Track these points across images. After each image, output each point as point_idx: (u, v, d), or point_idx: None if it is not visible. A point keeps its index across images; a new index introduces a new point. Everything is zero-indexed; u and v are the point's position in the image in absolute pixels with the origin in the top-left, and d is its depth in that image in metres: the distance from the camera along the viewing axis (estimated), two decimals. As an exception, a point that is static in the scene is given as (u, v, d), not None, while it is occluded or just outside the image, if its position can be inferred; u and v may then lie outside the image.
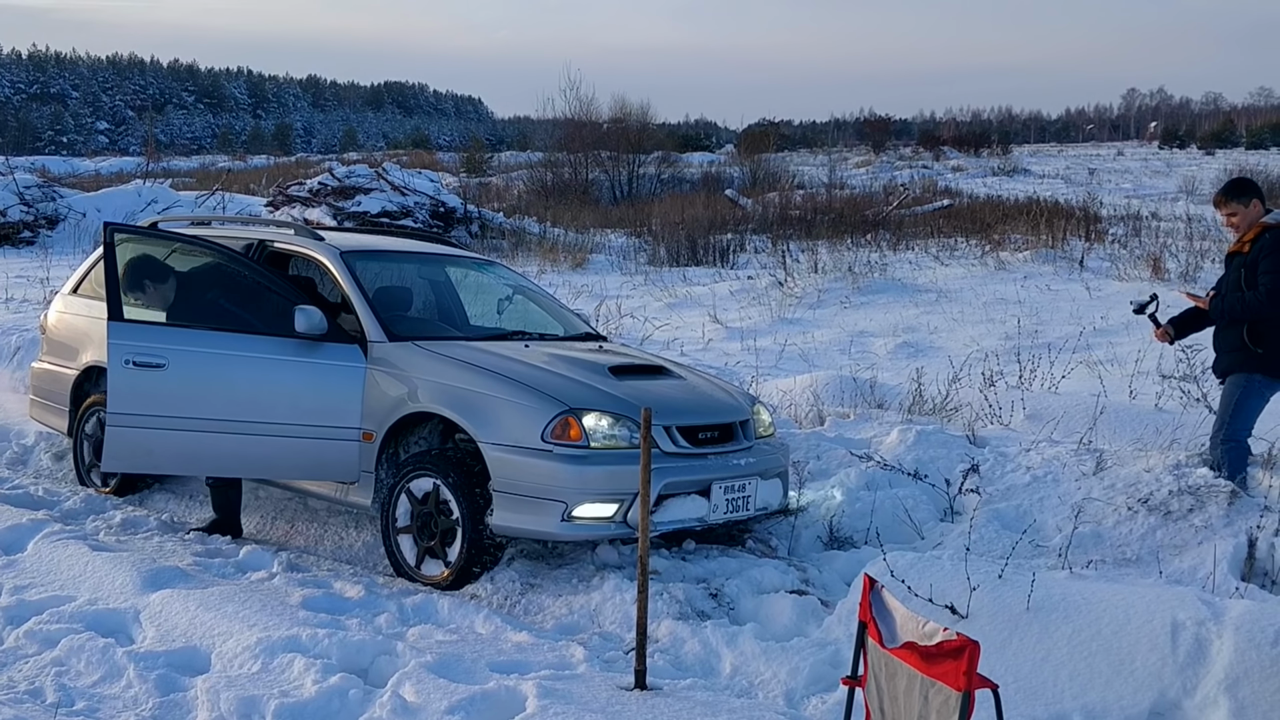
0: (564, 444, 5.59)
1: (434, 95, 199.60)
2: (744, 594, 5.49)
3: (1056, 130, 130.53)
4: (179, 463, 6.32)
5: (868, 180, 37.34)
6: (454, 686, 4.32)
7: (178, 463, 6.32)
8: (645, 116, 41.25)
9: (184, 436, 6.13)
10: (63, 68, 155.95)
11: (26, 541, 6.06)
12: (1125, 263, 16.46)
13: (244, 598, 5.24)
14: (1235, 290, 6.06)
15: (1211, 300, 6.19)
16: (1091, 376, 9.22)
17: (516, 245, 20.73)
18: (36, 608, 5.23)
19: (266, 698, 4.28)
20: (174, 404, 6.11)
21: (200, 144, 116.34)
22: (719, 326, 13.23)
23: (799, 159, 52.03)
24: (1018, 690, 4.30)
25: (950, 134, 69.35)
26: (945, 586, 4.82)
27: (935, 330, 12.74)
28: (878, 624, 3.28)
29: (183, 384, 6.14)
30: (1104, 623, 4.50)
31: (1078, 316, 12.75)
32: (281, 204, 21.89)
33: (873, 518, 6.32)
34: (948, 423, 7.83)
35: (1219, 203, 6.25)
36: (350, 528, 6.71)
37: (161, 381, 6.11)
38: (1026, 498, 6.40)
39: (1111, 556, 5.82)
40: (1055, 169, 45.10)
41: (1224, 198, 6.22)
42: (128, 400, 6.08)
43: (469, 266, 7.84)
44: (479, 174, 41.55)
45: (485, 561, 5.79)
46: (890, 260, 17.91)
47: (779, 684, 4.61)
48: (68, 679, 4.62)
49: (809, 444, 7.26)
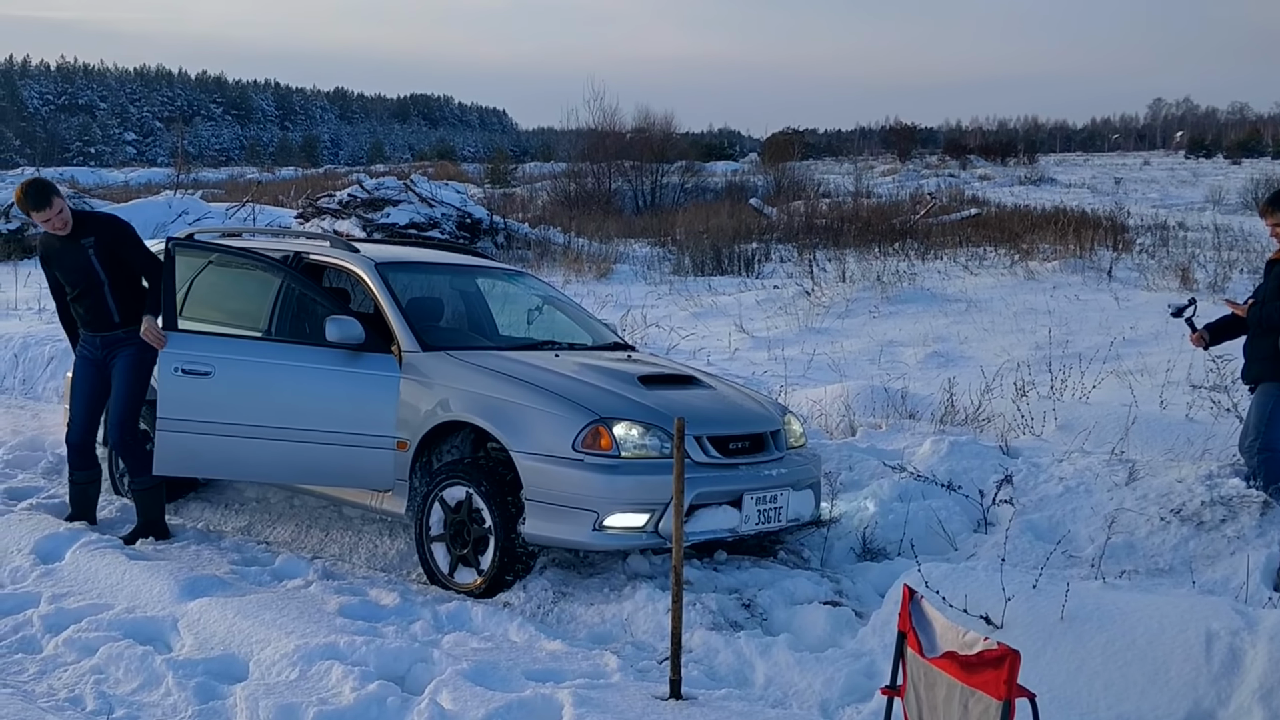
0: (595, 453, 5.62)
1: (459, 107, 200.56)
2: (777, 605, 5.49)
3: (1082, 139, 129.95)
4: (223, 467, 6.52)
5: (894, 189, 37.27)
6: (490, 694, 4.35)
7: (222, 467, 6.52)
8: (669, 126, 41.37)
9: (228, 442, 6.32)
10: (91, 79, 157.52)
11: (64, 550, 6.13)
12: (1153, 273, 16.38)
13: (281, 605, 5.29)
14: (1276, 299, 6.08)
15: (1250, 308, 6.20)
16: (1122, 386, 9.18)
17: (541, 255, 20.78)
18: (75, 616, 5.29)
19: (305, 705, 4.32)
20: (219, 410, 6.30)
21: (228, 155, 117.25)
22: (745, 336, 13.23)
23: (824, 167, 51.98)
24: (1052, 700, 4.29)
25: (976, 142, 69.24)
26: (980, 597, 4.82)
27: (965, 340, 12.71)
28: (917, 634, 3.29)
29: (228, 391, 6.32)
30: (1138, 633, 4.50)
31: (1107, 326, 12.69)
32: (312, 216, 22.03)
33: (906, 529, 6.32)
34: (980, 433, 7.82)
35: (1265, 212, 6.37)
36: (384, 536, 6.75)
37: (208, 388, 6.28)
38: (1059, 508, 6.38)
39: (1145, 567, 5.80)
40: (1082, 178, 44.90)
41: (1270, 208, 6.32)
42: (176, 406, 6.29)
43: (498, 277, 7.89)
44: (504, 185, 41.69)
45: (518, 570, 5.82)
46: (919, 269, 17.86)
47: (814, 694, 4.62)
48: (107, 686, 4.67)
49: (841, 455, 7.27)
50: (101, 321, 6.62)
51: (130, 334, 6.58)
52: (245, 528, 7.08)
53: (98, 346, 6.68)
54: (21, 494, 7.36)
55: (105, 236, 6.63)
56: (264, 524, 7.11)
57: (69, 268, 6.62)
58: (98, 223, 6.70)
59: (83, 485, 6.83)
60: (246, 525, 7.12)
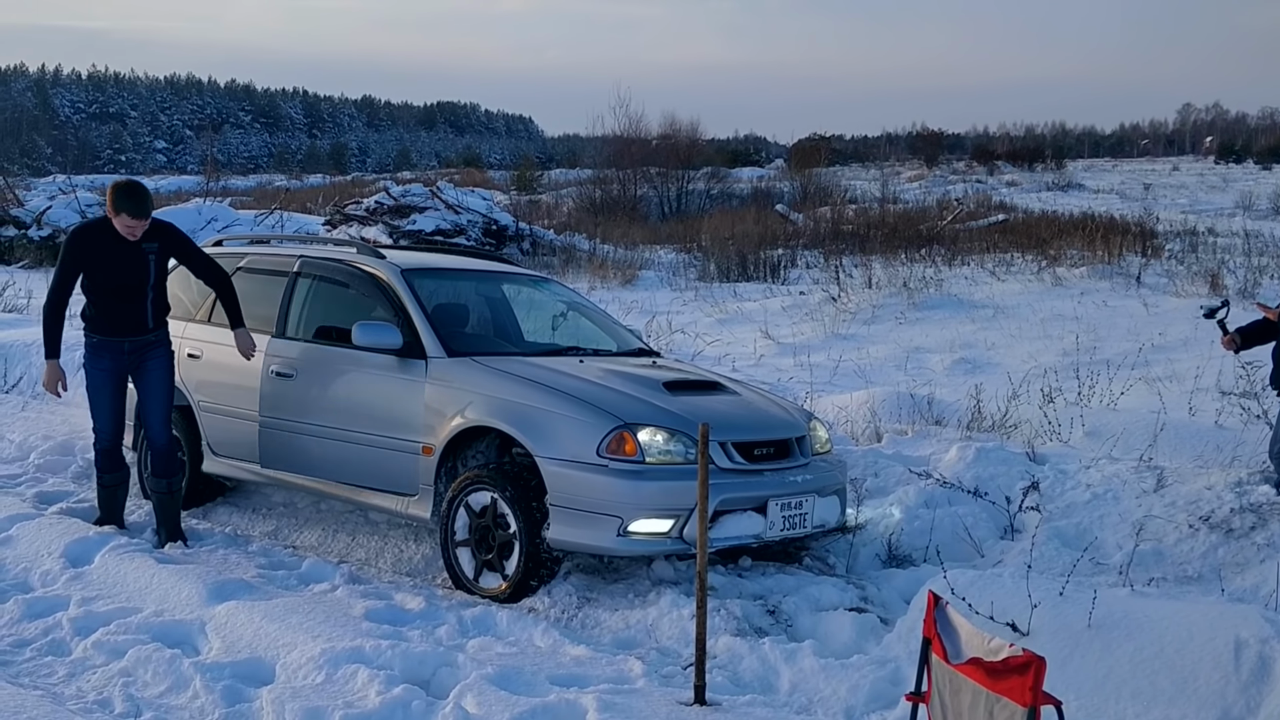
0: (619, 459, 5.62)
1: (485, 114, 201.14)
2: (802, 611, 5.48)
3: (1111, 145, 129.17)
4: (288, 463, 6.86)
5: (921, 195, 37.20)
6: (515, 699, 4.36)
7: (287, 463, 6.86)
8: (694, 132, 41.52)
9: (297, 439, 6.76)
10: (122, 88, 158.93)
11: (94, 554, 6.17)
12: (1182, 279, 16.28)
13: (307, 609, 5.31)
14: None
15: None
16: (1150, 393, 9.13)
17: (567, 262, 20.84)
18: (104, 619, 5.33)
19: (331, 708, 4.34)
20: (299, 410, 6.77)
21: (257, 163, 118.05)
22: (771, 342, 13.22)
23: (851, 173, 51.90)
24: (1080, 708, 4.27)
25: (1004, 148, 68.99)
26: (1006, 604, 4.80)
27: (993, 346, 12.66)
28: (942, 640, 3.27)
29: (306, 392, 6.74)
30: (1166, 641, 4.47)
31: (1135, 333, 12.62)
32: (339, 222, 22.18)
33: (932, 535, 6.29)
34: (1007, 439, 7.78)
35: None
36: (409, 540, 6.78)
37: (291, 389, 6.77)
38: (1087, 515, 6.34)
39: (1173, 574, 5.76)
40: (1110, 184, 44.68)
41: None
42: (272, 405, 6.82)
43: (523, 283, 7.92)
44: (529, 192, 41.83)
45: (542, 575, 5.83)
46: (946, 275, 17.81)
47: (839, 701, 4.60)
48: (135, 689, 4.70)
49: (867, 461, 7.25)
50: (137, 325, 6.53)
51: (160, 337, 6.65)
52: (272, 532, 7.12)
53: (123, 351, 6.57)
54: (52, 498, 7.42)
55: (168, 243, 6.60)
56: (291, 528, 7.15)
57: (119, 269, 6.44)
58: (160, 229, 6.60)
59: (113, 488, 6.81)
60: (274, 530, 7.16)
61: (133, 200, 6.33)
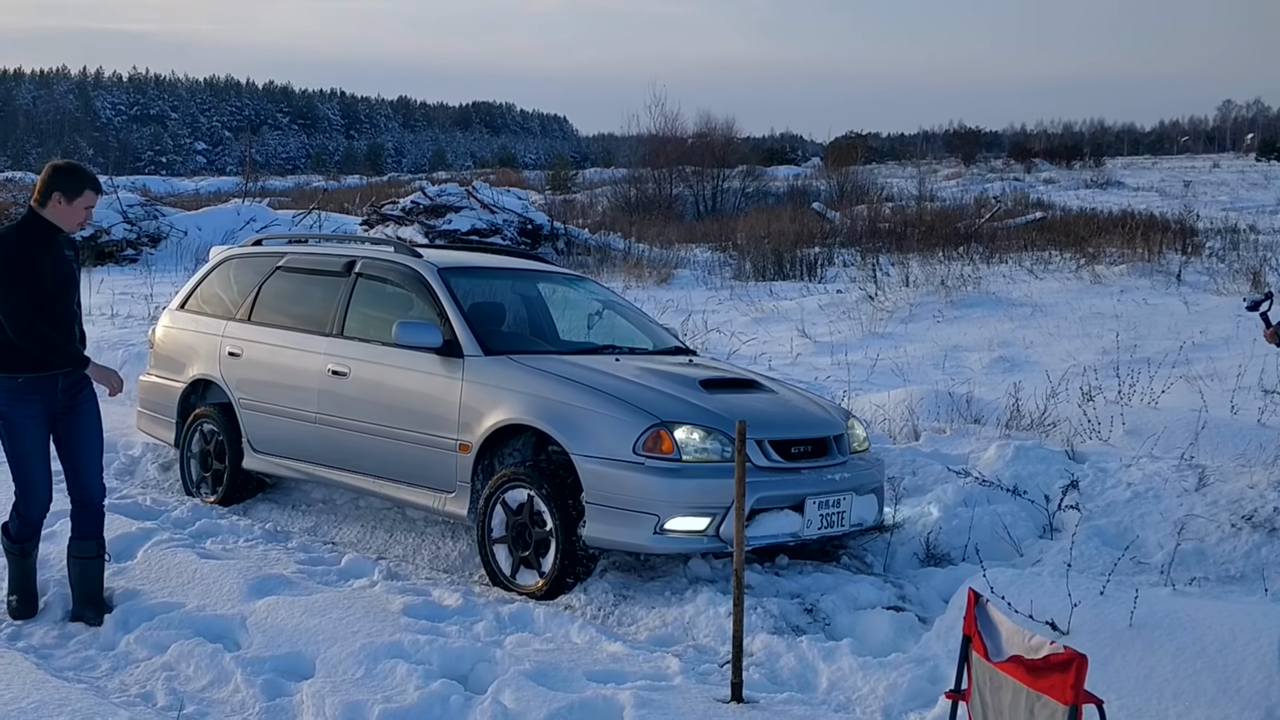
0: (656, 457, 5.63)
1: (520, 114, 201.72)
2: (840, 609, 5.47)
3: (1150, 142, 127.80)
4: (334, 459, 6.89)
5: (958, 193, 36.97)
6: (552, 695, 4.38)
7: (333, 459, 6.89)
8: (730, 131, 41.42)
9: (344, 436, 6.78)
10: (162, 90, 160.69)
11: (137, 549, 6.24)
12: (1224, 276, 16.08)
13: (346, 605, 5.35)
14: None
15: None
16: (1192, 391, 9.03)
17: (601, 261, 20.85)
18: (147, 614, 5.38)
19: (370, 703, 4.37)
20: (347, 408, 6.78)
21: (295, 164, 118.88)
22: (807, 341, 13.17)
23: (887, 171, 51.63)
24: (1121, 708, 4.23)
25: (1041, 146, 68.40)
26: (1046, 603, 4.77)
27: (1031, 345, 12.56)
28: (983, 637, 3.26)
29: (355, 390, 6.76)
30: (1208, 640, 4.42)
31: (1176, 331, 12.48)
32: (376, 222, 22.31)
33: (970, 534, 6.25)
34: (1046, 438, 7.72)
35: None
36: (447, 537, 6.81)
37: (343, 387, 6.80)
38: (1127, 514, 6.28)
39: (1215, 574, 5.70)
40: (1149, 181, 44.19)
41: None
42: (324, 403, 6.88)
43: (559, 282, 7.93)
44: (564, 191, 41.91)
45: (578, 572, 5.84)
46: (984, 274, 17.68)
47: (877, 699, 4.59)
48: (177, 683, 4.76)
49: (904, 459, 7.21)
50: (73, 352, 5.25)
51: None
52: (312, 528, 7.18)
53: (55, 391, 5.27)
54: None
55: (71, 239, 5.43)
56: (330, 525, 7.20)
57: (55, 278, 5.19)
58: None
59: (31, 557, 5.52)
60: (313, 526, 7.21)
61: (69, 174, 5.23)
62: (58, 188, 5.15)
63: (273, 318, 7.43)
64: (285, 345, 7.23)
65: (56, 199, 5.14)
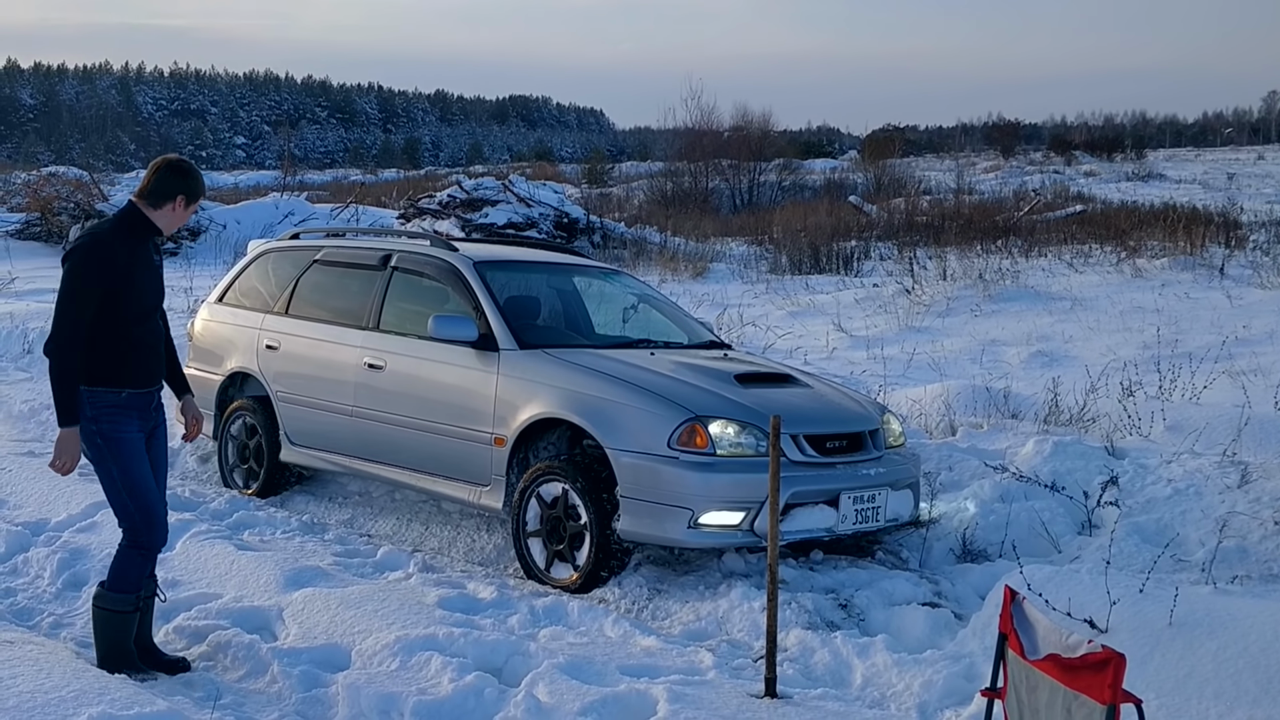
0: (690, 451, 5.62)
1: (556, 108, 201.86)
2: (874, 605, 5.44)
3: (1193, 134, 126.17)
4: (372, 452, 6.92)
5: (997, 186, 36.64)
6: (586, 688, 4.38)
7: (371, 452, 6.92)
8: (767, 124, 41.27)
9: (381, 429, 6.81)
10: (202, 85, 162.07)
11: (175, 541, 6.28)
12: (1268, 270, 15.86)
13: (382, 597, 5.38)
14: None
15: None
16: (1234, 387, 8.91)
17: (637, 255, 20.84)
18: (185, 604, 5.43)
19: (405, 694, 4.39)
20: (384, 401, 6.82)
21: (333, 158, 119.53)
22: (843, 335, 13.11)
23: (925, 164, 51.29)
24: (1160, 707, 4.18)
25: (1082, 138, 67.62)
26: (1084, 600, 4.72)
27: (1070, 339, 12.44)
28: (1019, 636, 3.23)
29: (392, 383, 6.79)
30: (1250, 639, 4.36)
31: (1219, 325, 12.32)
32: (413, 216, 22.42)
33: (1007, 530, 6.20)
34: (1085, 434, 7.64)
35: None
36: (481, 530, 6.83)
37: (380, 381, 6.82)
38: (1168, 511, 6.21)
39: (1258, 572, 5.63)
40: (1192, 174, 43.65)
41: None
42: (362, 396, 6.91)
43: (595, 276, 7.94)
44: (600, 185, 41.92)
45: (613, 566, 5.85)
46: (1022, 267, 17.53)
47: (912, 696, 4.56)
48: (215, 673, 4.80)
49: (941, 455, 7.16)
50: (159, 365, 4.86)
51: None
52: (348, 521, 7.22)
53: (149, 409, 4.80)
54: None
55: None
56: (366, 517, 7.24)
57: (151, 287, 4.75)
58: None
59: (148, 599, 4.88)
60: (349, 518, 7.26)
61: (194, 177, 4.76)
62: (182, 191, 4.65)
63: (310, 311, 7.47)
64: (322, 339, 7.27)
65: (179, 202, 4.66)
